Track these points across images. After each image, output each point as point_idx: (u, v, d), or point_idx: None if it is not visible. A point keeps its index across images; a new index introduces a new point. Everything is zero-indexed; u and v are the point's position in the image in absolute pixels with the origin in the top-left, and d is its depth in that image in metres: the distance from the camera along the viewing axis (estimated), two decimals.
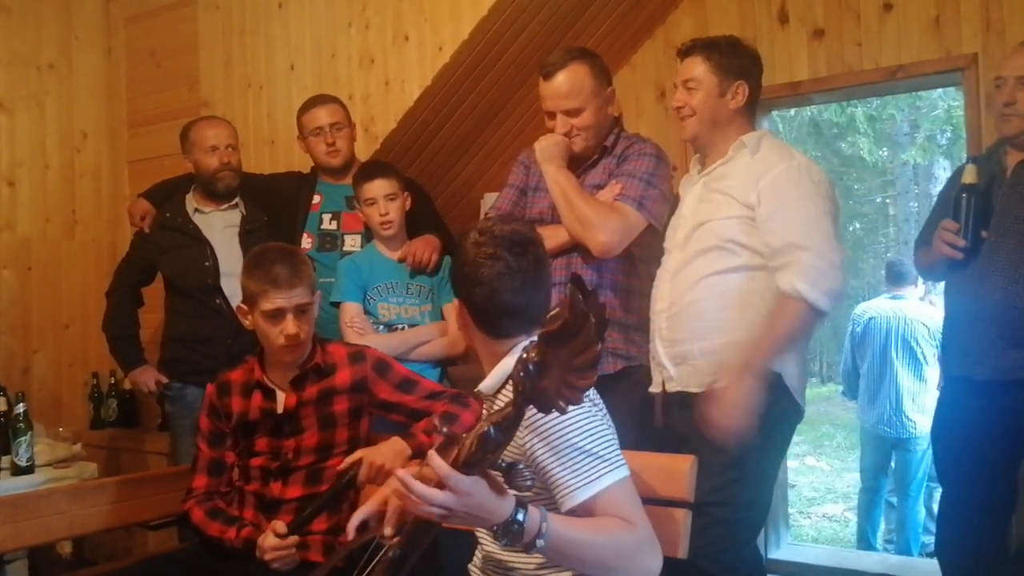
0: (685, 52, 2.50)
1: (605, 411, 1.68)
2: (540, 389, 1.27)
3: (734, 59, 2.46)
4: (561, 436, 1.56)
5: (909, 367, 4.89)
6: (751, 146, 2.43)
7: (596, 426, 1.60)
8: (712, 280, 2.36)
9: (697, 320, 2.37)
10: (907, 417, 4.87)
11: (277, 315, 2.23)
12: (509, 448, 1.55)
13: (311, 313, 2.30)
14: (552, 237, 2.45)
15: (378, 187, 2.92)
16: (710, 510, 2.20)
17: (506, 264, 1.68)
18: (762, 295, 2.33)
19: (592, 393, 1.65)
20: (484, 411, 1.89)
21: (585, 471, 1.54)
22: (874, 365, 5.01)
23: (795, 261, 2.24)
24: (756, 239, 2.33)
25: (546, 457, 1.57)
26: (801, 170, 2.34)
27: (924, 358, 4.87)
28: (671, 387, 2.44)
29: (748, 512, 2.36)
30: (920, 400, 4.86)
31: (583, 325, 1.24)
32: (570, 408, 1.32)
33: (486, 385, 1.74)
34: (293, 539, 2.12)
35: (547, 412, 1.31)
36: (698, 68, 2.45)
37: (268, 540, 2.13)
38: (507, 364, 1.68)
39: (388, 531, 1.70)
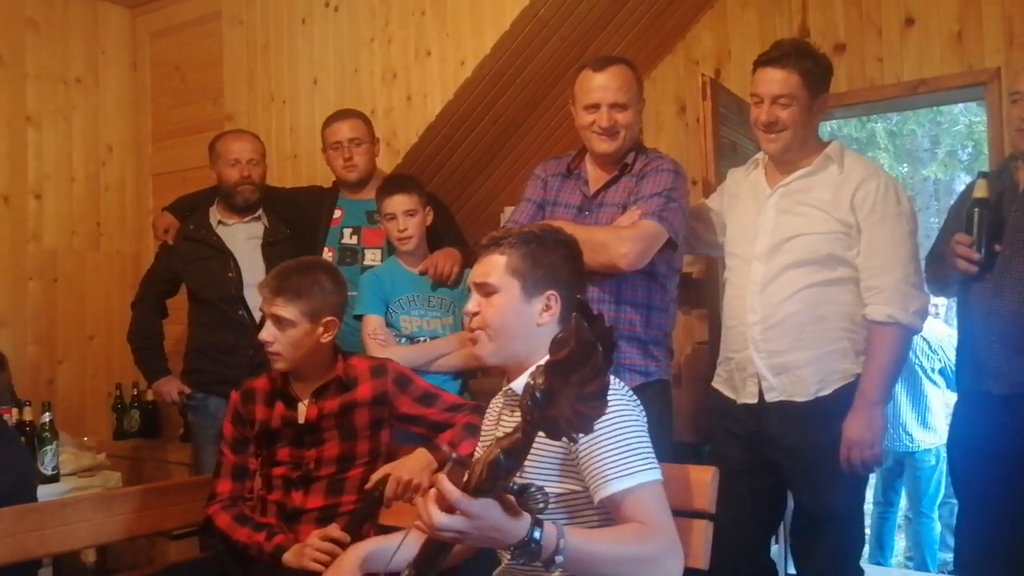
0: (776, 61, 2.45)
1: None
2: (550, 417, 1.26)
3: (822, 71, 2.48)
4: (609, 426, 1.58)
5: (906, 381, 4.85)
6: (837, 159, 2.49)
7: (639, 426, 1.63)
8: (810, 292, 2.44)
9: (798, 331, 2.45)
10: (906, 431, 4.85)
11: (264, 317, 2.31)
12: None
13: (299, 331, 2.27)
14: None
15: (397, 202, 2.93)
16: (845, 519, 2.48)
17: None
18: (859, 306, 2.45)
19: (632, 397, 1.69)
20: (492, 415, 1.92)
21: (624, 463, 1.57)
22: None
23: (881, 287, 2.39)
24: (852, 253, 2.44)
25: (590, 444, 1.58)
26: (889, 188, 2.44)
27: (924, 372, 4.84)
28: (771, 397, 2.49)
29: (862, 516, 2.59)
30: (922, 415, 4.84)
31: (591, 354, 1.24)
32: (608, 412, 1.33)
33: (519, 385, 1.75)
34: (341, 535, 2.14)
35: (557, 439, 1.31)
36: (794, 82, 2.43)
37: (316, 542, 2.13)
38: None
39: None
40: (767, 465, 2.53)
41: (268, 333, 2.27)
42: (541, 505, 1.39)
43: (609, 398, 1.28)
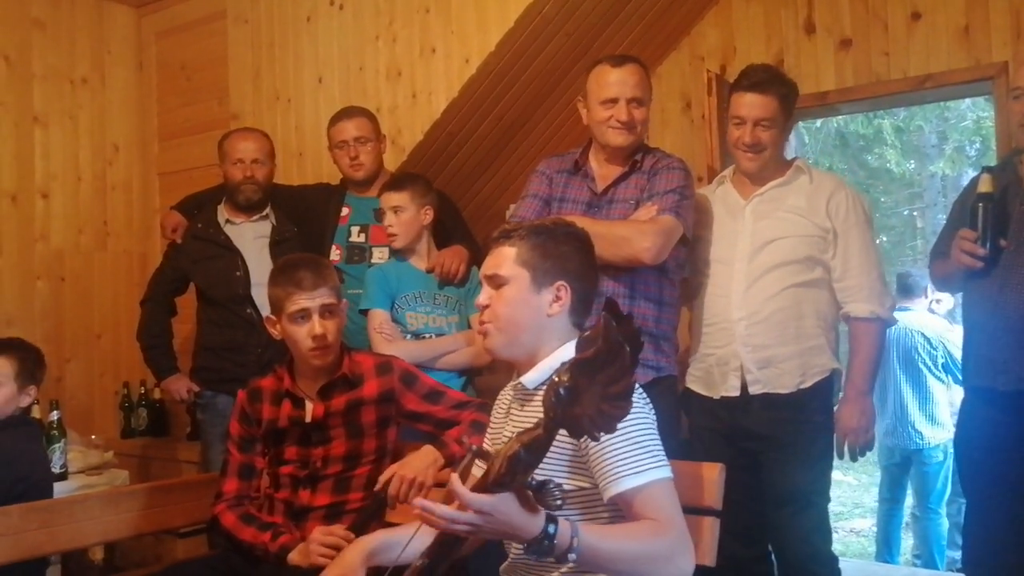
0: (757, 87, 2.60)
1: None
2: (573, 415, 1.26)
3: (793, 95, 2.68)
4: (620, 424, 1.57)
5: (910, 378, 4.84)
6: (806, 171, 2.70)
7: (650, 424, 1.63)
8: (792, 291, 2.61)
9: (783, 328, 2.60)
10: (914, 428, 4.83)
11: (303, 316, 2.27)
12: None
13: (338, 317, 2.33)
14: None
15: (387, 198, 2.94)
16: (813, 498, 2.61)
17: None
18: (831, 307, 2.65)
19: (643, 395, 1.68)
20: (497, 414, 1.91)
21: (635, 461, 1.56)
22: (879, 377, 4.94)
23: (861, 286, 2.60)
24: (827, 255, 2.62)
25: (600, 441, 1.55)
26: (857, 198, 2.67)
27: (927, 368, 4.82)
28: (755, 390, 2.62)
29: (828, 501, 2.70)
30: (928, 410, 4.82)
31: (618, 355, 1.23)
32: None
33: (529, 379, 1.76)
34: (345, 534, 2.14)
35: (578, 438, 1.30)
36: (773, 107, 2.60)
37: (319, 536, 2.14)
38: (555, 358, 1.73)
39: None
40: (748, 454, 2.64)
41: (322, 327, 2.26)
42: (558, 502, 1.39)
43: None
